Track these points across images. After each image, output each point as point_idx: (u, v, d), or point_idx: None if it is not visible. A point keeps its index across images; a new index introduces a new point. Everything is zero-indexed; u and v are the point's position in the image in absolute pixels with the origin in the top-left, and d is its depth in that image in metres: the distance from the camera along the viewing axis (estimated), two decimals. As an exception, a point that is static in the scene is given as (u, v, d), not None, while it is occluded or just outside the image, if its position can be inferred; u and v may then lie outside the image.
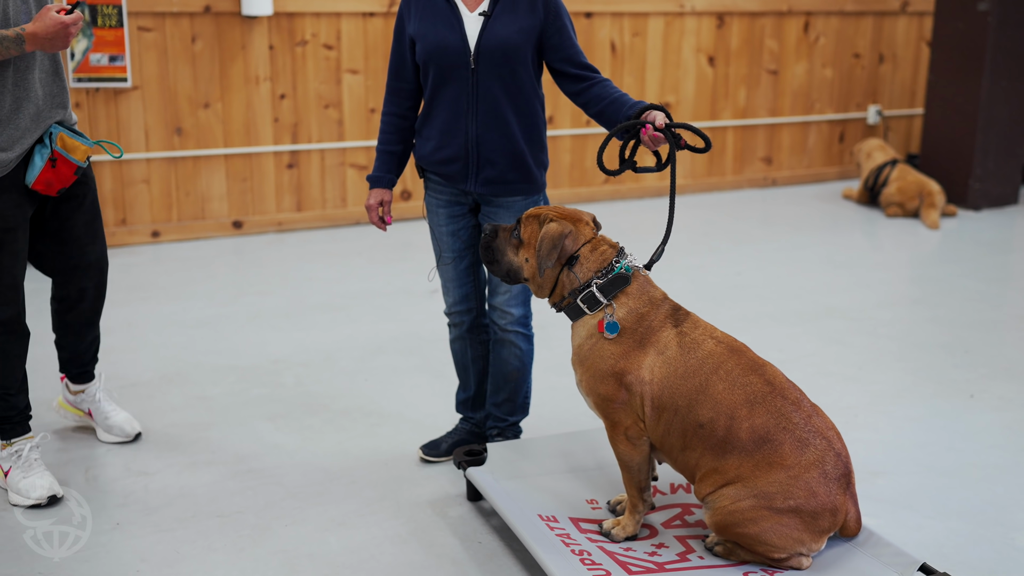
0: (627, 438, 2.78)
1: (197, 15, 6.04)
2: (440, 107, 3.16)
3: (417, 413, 3.89)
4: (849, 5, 7.95)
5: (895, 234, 6.76)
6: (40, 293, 4.11)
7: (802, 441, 2.64)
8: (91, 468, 3.44)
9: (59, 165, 3.12)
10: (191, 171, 6.24)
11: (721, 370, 2.69)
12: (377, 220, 3.34)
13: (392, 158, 3.31)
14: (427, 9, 3.12)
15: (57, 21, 2.92)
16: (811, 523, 2.61)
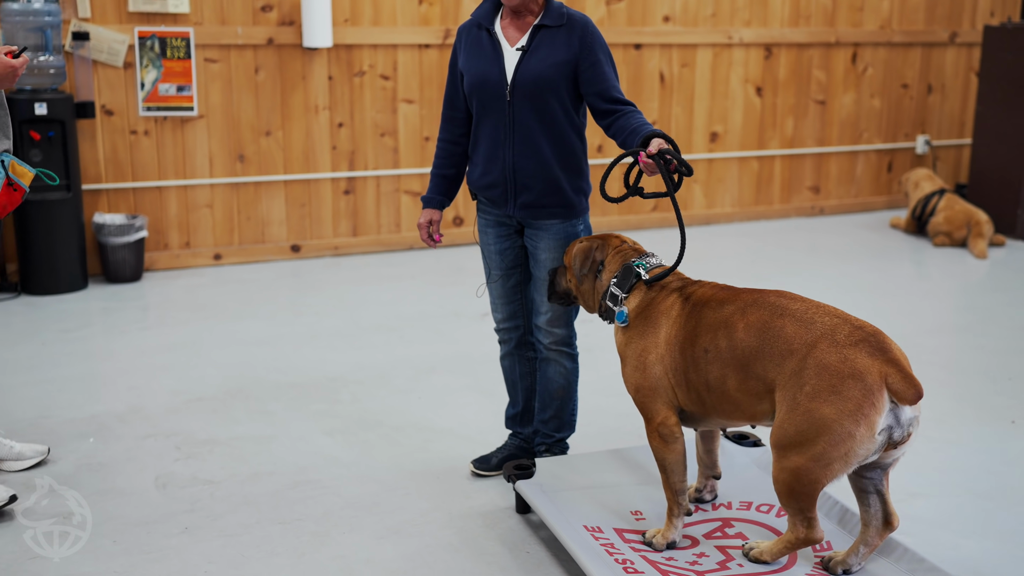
0: (660, 435, 2.92)
1: (261, 47, 6.29)
2: (483, 136, 3.38)
3: (468, 430, 4.04)
4: (897, 36, 8.03)
5: (943, 263, 6.80)
6: None
7: (805, 320, 2.66)
8: (160, 476, 3.63)
9: (16, 189, 3.33)
10: (252, 196, 6.48)
11: (713, 302, 2.87)
12: (426, 237, 3.55)
13: (444, 181, 3.54)
14: (474, 45, 3.33)
15: (6, 64, 3.19)
16: (839, 402, 2.51)
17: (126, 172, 6.15)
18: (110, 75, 6.01)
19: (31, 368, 4.67)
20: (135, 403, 4.28)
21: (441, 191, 3.54)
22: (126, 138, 6.12)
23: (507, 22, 3.32)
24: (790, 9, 7.62)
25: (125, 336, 5.16)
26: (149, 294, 5.91)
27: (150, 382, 4.53)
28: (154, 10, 6.00)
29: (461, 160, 3.51)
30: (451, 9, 6.69)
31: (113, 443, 3.90)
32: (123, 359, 4.83)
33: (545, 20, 3.25)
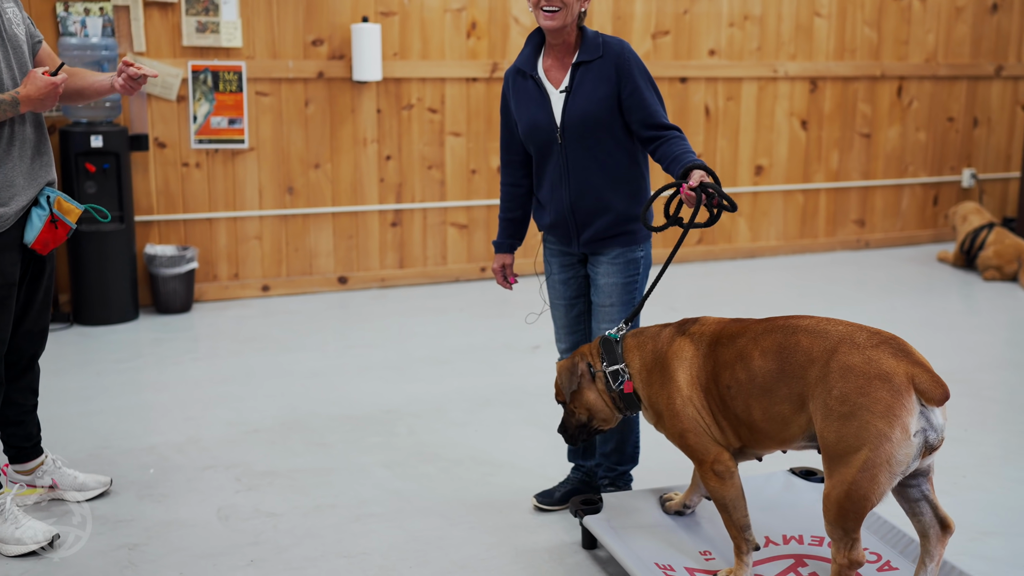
0: (715, 473, 2.90)
1: (311, 80, 6.35)
2: (542, 178, 3.42)
3: (527, 463, 4.01)
4: (942, 70, 8.00)
5: (993, 297, 6.73)
6: None
7: (818, 332, 2.67)
8: (222, 508, 3.62)
9: (57, 226, 3.29)
10: (300, 228, 6.51)
11: (724, 338, 2.88)
12: (502, 281, 3.60)
13: (511, 224, 3.58)
14: (521, 92, 3.37)
15: (48, 82, 3.14)
16: (869, 404, 2.49)
17: (177, 204, 6.20)
18: (163, 108, 6.08)
19: (87, 398, 4.69)
20: (192, 434, 4.29)
21: (509, 234, 3.59)
22: (178, 170, 6.17)
23: (549, 63, 3.34)
24: (835, 42, 7.62)
25: (178, 367, 5.18)
26: (199, 325, 5.93)
27: (206, 413, 4.53)
28: (207, 44, 6.07)
29: (525, 201, 3.55)
30: (498, 43, 6.73)
31: (173, 474, 3.90)
32: (177, 390, 4.85)
33: (582, 56, 3.27)
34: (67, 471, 3.67)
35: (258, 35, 6.19)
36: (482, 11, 6.65)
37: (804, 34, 7.51)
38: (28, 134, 3.26)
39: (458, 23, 6.61)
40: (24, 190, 3.24)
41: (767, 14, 7.38)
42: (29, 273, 3.39)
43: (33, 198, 3.28)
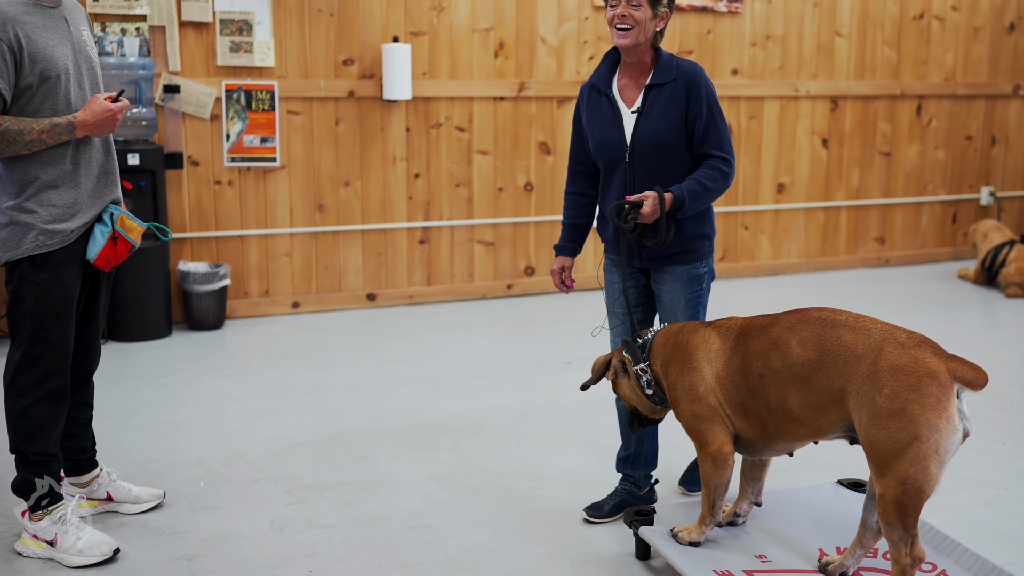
0: (713, 460, 3.05)
1: (342, 99, 6.42)
2: (608, 192, 3.52)
3: (573, 476, 4.05)
4: (961, 89, 8.08)
5: (1016, 313, 6.78)
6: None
7: (860, 329, 2.78)
8: (275, 520, 3.66)
9: (119, 244, 3.35)
10: (330, 245, 6.57)
11: (754, 329, 2.98)
12: (559, 283, 3.69)
13: (574, 230, 3.68)
14: (595, 108, 3.47)
15: (105, 108, 3.18)
16: (921, 399, 2.62)
17: (209, 221, 6.27)
18: (197, 127, 6.15)
19: (130, 413, 4.73)
20: (238, 448, 4.33)
21: (572, 239, 3.69)
22: (210, 188, 6.24)
23: (624, 82, 3.44)
24: (856, 62, 7.70)
25: (216, 382, 5.22)
26: (231, 341, 5.98)
27: (249, 427, 4.57)
28: (241, 64, 6.14)
29: (589, 210, 3.65)
30: (525, 63, 6.80)
31: (223, 487, 3.93)
32: (217, 404, 4.89)
33: (656, 78, 3.36)
34: (122, 484, 3.71)
35: (290, 55, 6.27)
36: (510, 31, 6.73)
37: (825, 54, 7.60)
38: (95, 154, 3.32)
39: (486, 43, 6.70)
40: (88, 208, 3.30)
41: (789, 34, 7.47)
42: (88, 290, 3.44)
43: (97, 215, 3.34)
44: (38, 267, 3.22)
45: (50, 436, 3.32)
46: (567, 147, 6.97)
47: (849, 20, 7.63)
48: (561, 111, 6.95)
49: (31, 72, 3.14)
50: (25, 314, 3.23)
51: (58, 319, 3.26)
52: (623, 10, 3.29)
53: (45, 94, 3.18)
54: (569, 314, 6.60)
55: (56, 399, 3.31)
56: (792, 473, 4.07)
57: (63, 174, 3.23)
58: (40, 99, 3.17)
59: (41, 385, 3.27)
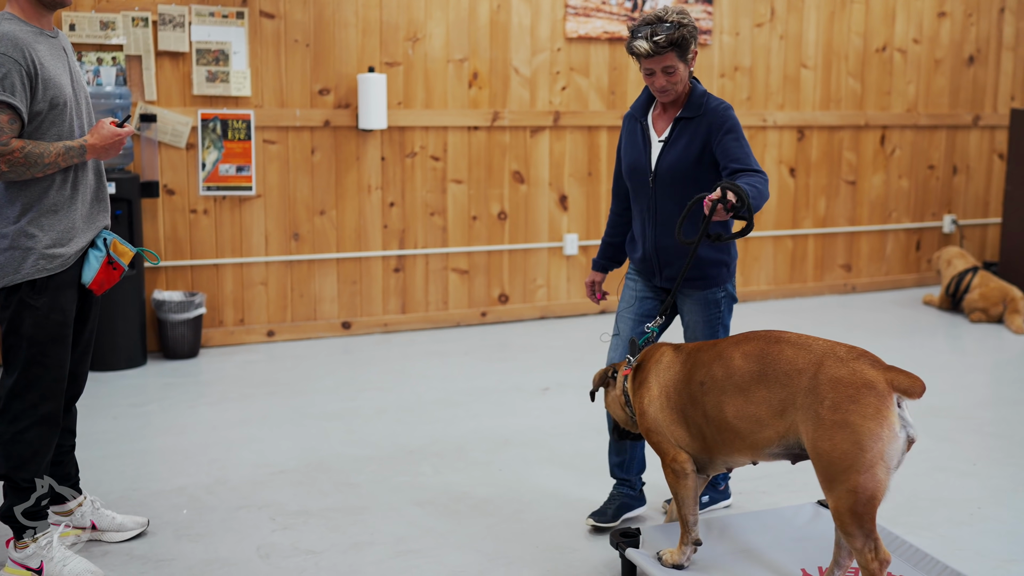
0: (672, 470, 3.18)
1: (317, 129, 6.46)
2: (636, 215, 3.69)
3: (556, 500, 4.09)
4: (923, 119, 8.27)
5: (981, 338, 6.92)
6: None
7: (802, 345, 2.91)
8: (261, 547, 3.66)
9: (114, 267, 3.39)
10: (305, 274, 6.58)
11: (705, 346, 3.14)
12: (590, 294, 3.91)
13: (611, 248, 3.91)
14: (631, 134, 3.67)
15: (113, 133, 3.27)
16: (860, 408, 2.73)
17: (185, 250, 6.26)
18: (173, 156, 6.16)
19: (108, 442, 4.71)
20: (220, 476, 4.32)
21: (607, 257, 3.92)
22: (186, 217, 6.24)
23: (658, 113, 3.63)
24: (821, 93, 7.86)
25: (193, 411, 5.21)
26: (207, 370, 5.96)
27: (229, 455, 4.57)
28: (217, 93, 6.17)
29: (627, 229, 3.85)
30: (499, 93, 6.89)
31: (207, 514, 3.93)
32: (196, 433, 4.88)
33: (685, 112, 3.52)
34: (105, 512, 3.69)
35: (266, 84, 6.31)
36: (483, 62, 6.82)
37: (792, 85, 7.75)
38: (90, 180, 3.35)
39: (460, 73, 6.77)
40: (83, 233, 3.32)
41: (756, 66, 7.62)
42: (77, 315, 3.45)
43: (91, 240, 3.36)
44: (38, 291, 3.23)
45: (41, 462, 3.31)
46: (540, 176, 7.07)
47: (814, 52, 7.80)
48: (534, 140, 7.03)
49: (43, 98, 3.17)
50: (23, 338, 3.23)
51: (55, 343, 3.26)
52: (662, 83, 3.46)
53: (52, 120, 3.21)
54: (543, 341, 6.65)
55: (50, 424, 3.31)
56: (771, 495, 4.13)
57: (63, 199, 3.26)
58: (48, 125, 3.21)
59: (35, 410, 3.26)
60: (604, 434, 4.82)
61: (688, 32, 3.42)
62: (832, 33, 7.85)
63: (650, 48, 3.38)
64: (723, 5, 7.45)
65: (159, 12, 5.99)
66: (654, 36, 3.37)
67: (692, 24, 3.44)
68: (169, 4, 6.02)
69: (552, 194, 7.14)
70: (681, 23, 3.41)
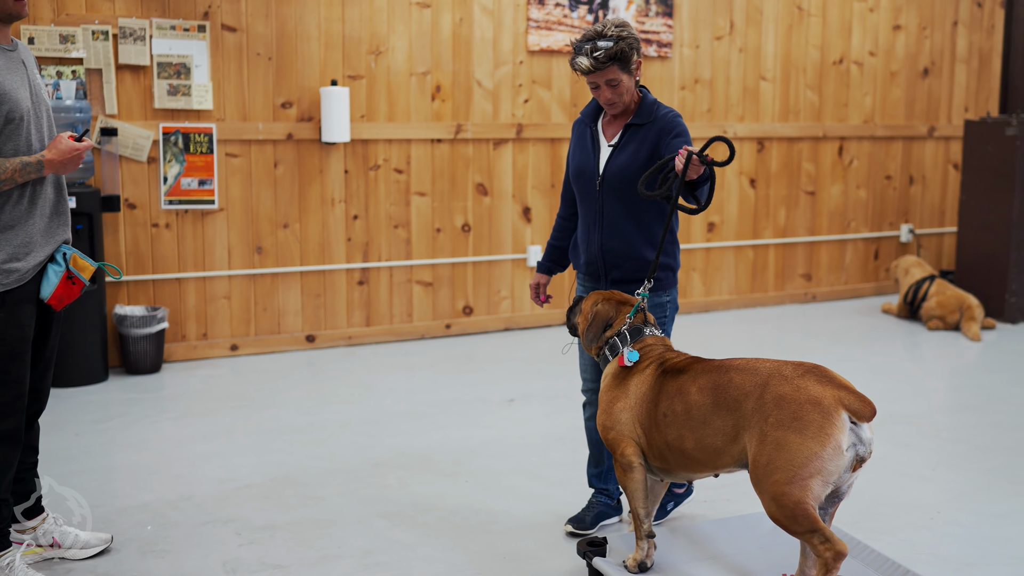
0: (620, 465, 3.24)
1: (280, 142, 6.45)
2: (581, 219, 3.73)
3: (522, 511, 4.10)
4: (880, 131, 8.40)
5: (939, 346, 7.03)
6: None
7: (749, 370, 2.95)
8: (228, 562, 3.64)
9: (74, 282, 3.36)
10: (269, 288, 6.56)
11: (673, 370, 3.16)
12: (535, 297, 3.94)
13: (555, 251, 3.94)
14: (580, 138, 3.71)
15: (71, 147, 3.25)
16: (802, 426, 2.75)
17: (147, 264, 6.22)
18: (134, 170, 6.12)
19: (70, 459, 4.66)
20: (184, 491, 4.29)
21: (552, 259, 3.96)
22: (147, 231, 6.20)
23: (608, 120, 3.68)
24: (780, 105, 7.97)
25: (157, 426, 5.17)
26: (170, 385, 5.92)
27: (193, 470, 4.54)
28: (179, 107, 6.15)
29: (572, 234, 3.88)
30: (462, 106, 6.91)
31: (172, 530, 3.90)
32: (160, 449, 4.84)
33: (635, 119, 3.57)
34: (68, 529, 3.66)
35: (229, 98, 6.29)
36: (446, 75, 6.84)
37: (751, 97, 7.85)
38: (48, 194, 3.32)
39: (423, 86, 6.79)
40: (41, 247, 3.29)
41: (716, 78, 7.71)
42: (38, 329, 3.42)
43: (49, 255, 3.33)
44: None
45: (2, 480, 3.28)
46: (503, 188, 7.10)
47: (773, 65, 7.91)
48: (497, 153, 7.06)
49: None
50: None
51: (14, 359, 3.23)
52: (608, 95, 3.52)
53: (9, 135, 3.18)
54: (508, 352, 6.67)
55: (11, 442, 3.28)
56: (735, 503, 4.17)
57: (19, 214, 3.23)
58: (3, 140, 3.18)
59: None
60: (569, 444, 4.85)
61: (627, 45, 3.46)
62: (790, 46, 7.96)
63: (591, 64, 3.44)
64: (683, 18, 7.53)
65: (120, 25, 5.96)
66: (594, 52, 3.43)
67: (632, 36, 3.49)
68: (130, 18, 6.00)
69: (516, 206, 7.18)
70: (620, 36, 3.46)
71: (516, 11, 6.99)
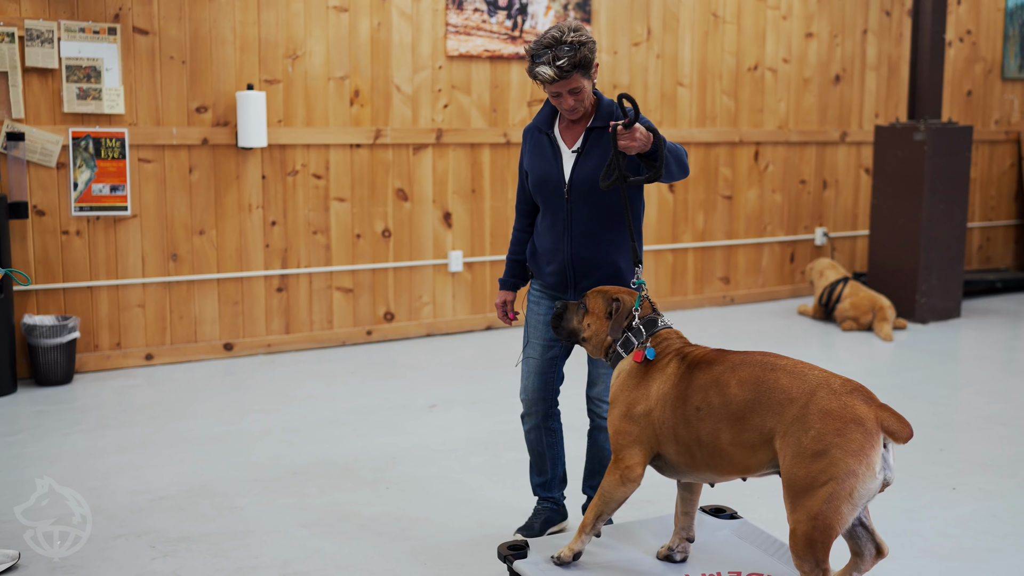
0: (622, 477, 3.12)
1: (195, 147, 6.34)
2: (545, 228, 3.65)
3: (444, 517, 4.08)
4: (794, 136, 8.56)
5: (852, 346, 7.18)
6: None
7: (797, 374, 2.89)
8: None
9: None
10: (185, 295, 6.43)
11: (703, 363, 3.06)
12: (502, 315, 3.82)
13: (517, 266, 3.85)
14: (536, 147, 3.63)
15: None
16: (844, 443, 2.72)
17: (56, 272, 6.05)
18: (43, 175, 5.96)
19: (-24, 473, 4.51)
20: (96, 504, 4.17)
21: (515, 274, 3.86)
22: (57, 238, 6.04)
23: (564, 126, 3.60)
24: (697, 110, 8.08)
25: (67, 438, 5.03)
26: (82, 396, 5.77)
27: (106, 483, 4.42)
28: (89, 111, 6.00)
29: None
30: (381, 111, 6.87)
31: (82, 545, 3.79)
32: (71, 461, 4.71)
33: (596, 122, 3.51)
34: None
35: (141, 102, 6.16)
36: (365, 79, 6.79)
37: (669, 103, 7.94)
38: None
39: (341, 91, 6.74)
40: None
41: (634, 84, 7.78)
42: None
43: None
44: None
45: None
46: (424, 194, 7.07)
47: (690, 71, 8.01)
48: (417, 158, 7.03)
49: None
50: None
51: None
52: (570, 103, 3.45)
53: None
54: (430, 359, 6.64)
55: None
56: (655, 504, 4.20)
57: None
58: None
59: None
60: (491, 449, 4.84)
61: (588, 50, 3.39)
62: (706, 52, 8.08)
63: (554, 74, 3.35)
64: (601, 24, 7.59)
65: (26, 27, 5.80)
66: (556, 61, 3.33)
67: (591, 39, 3.42)
68: (37, 19, 5.84)
69: (436, 211, 7.15)
70: (580, 42, 3.36)
71: (435, 16, 6.98)
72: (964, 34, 9.36)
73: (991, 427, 5.28)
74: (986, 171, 9.71)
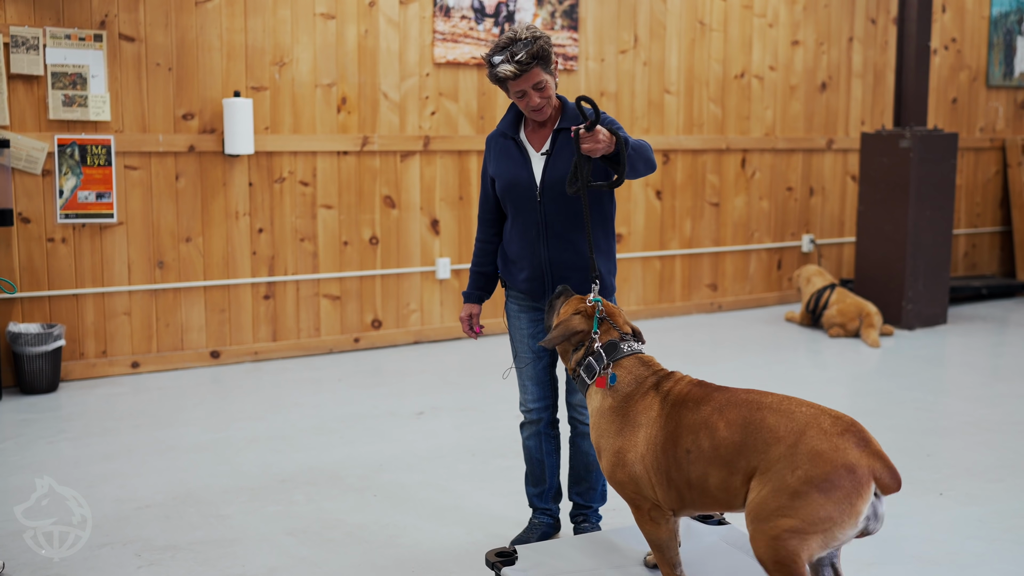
0: (652, 519, 3.03)
1: (182, 154, 6.32)
2: (517, 234, 3.61)
3: (431, 524, 4.07)
4: (780, 143, 8.59)
5: (840, 352, 7.20)
6: None
7: (785, 412, 2.76)
8: (126, 584, 3.53)
9: None
10: (171, 303, 6.41)
11: (690, 402, 2.96)
12: (468, 329, 3.76)
13: (482, 278, 3.78)
14: (502, 152, 3.59)
15: None
16: (831, 489, 2.60)
17: (42, 280, 6.02)
18: (28, 183, 5.93)
19: (-41, 482, 4.48)
20: (81, 513, 4.15)
21: (480, 287, 3.79)
22: (43, 246, 6.01)
23: (530, 130, 3.60)
24: (684, 118, 8.09)
25: (53, 447, 5.00)
26: (67, 404, 5.74)
27: (92, 491, 4.39)
28: (75, 118, 5.98)
29: (496, 257, 3.76)
30: (368, 118, 6.87)
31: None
32: (57, 470, 4.68)
33: (563, 123, 3.51)
34: None
35: (127, 109, 6.14)
36: (352, 86, 6.79)
37: (656, 110, 7.96)
38: None
39: (328, 98, 6.73)
40: None
41: (622, 91, 7.80)
42: None
43: None
44: None
45: None
46: (411, 201, 7.06)
47: (677, 78, 8.03)
48: (404, 165, 7.03)
49: None
50: None
51: None
52: (536, 101, 3.43)
53: None
54: (417, 366, 6.63)
55: None
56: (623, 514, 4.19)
57: None
58: None
59: None
60: (479, 456, 4.83)
61: (545, 42, 3.41)
62: (693, 60, 8.10)
63: (515, 69, 3.35)
64: (588, 32, 7.61)
65: (11, 34, 5.78)
66: (515, 56, 3.34)
67: (545, 36, 3.43)
68: (22, 26, 5.82)
69: (424, 218, 7.15)
70: (535, 36, 3.39)
71: (422, 23, 6.98)
72: (949, 42, 9.41)
73: (977, 433, 5.30)
74: (971, 178, 9.76)
